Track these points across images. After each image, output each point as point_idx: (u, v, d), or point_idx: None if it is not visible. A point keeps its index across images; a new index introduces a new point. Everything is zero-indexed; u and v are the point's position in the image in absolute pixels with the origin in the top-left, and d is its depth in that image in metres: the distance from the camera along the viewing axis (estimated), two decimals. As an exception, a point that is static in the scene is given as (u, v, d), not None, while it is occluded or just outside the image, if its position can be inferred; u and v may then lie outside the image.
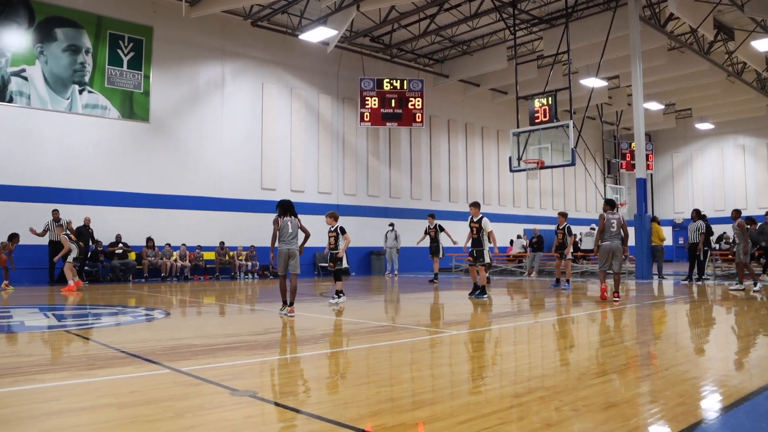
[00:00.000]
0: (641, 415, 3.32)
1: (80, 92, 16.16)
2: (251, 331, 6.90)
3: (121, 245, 16.41)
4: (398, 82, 21.83)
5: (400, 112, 21.72)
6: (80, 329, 7.04)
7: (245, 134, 19.53)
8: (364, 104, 21.50)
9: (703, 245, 15.02)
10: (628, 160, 32.15)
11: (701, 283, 14.89)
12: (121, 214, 16.71)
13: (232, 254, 18.54)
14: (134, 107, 17.13)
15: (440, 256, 16.57)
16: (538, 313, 9.09)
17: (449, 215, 23.72)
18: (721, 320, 8.18)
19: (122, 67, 16.90)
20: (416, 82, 21.96)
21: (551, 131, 17.60)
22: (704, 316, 8.78)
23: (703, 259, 15.22)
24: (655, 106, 27.88)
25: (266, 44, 20.18)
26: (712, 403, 3.64)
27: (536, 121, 18.06)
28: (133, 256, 16.73)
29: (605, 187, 30.18)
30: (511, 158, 18.75)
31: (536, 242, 18.55)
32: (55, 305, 10.14)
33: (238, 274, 18.48)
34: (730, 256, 17.97)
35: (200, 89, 18.61)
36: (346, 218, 21.53)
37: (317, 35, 18.59)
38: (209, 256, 18.28)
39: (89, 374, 4.31)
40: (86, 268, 15.65)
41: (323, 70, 21.72)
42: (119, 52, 16.86)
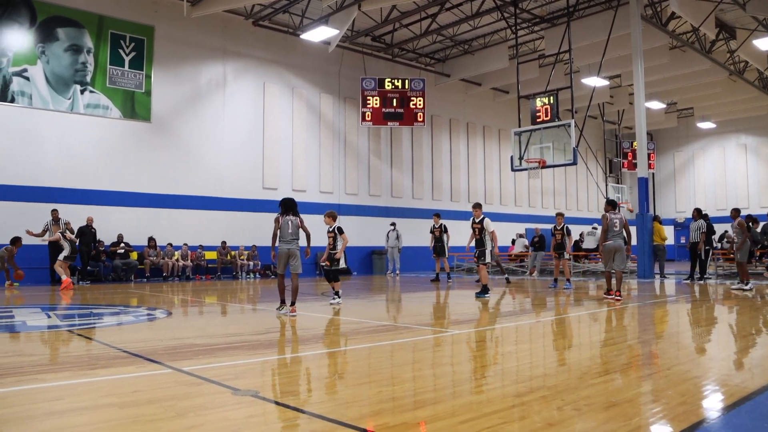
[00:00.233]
0: (643, 414, 3.31)
1: (82, 92, 16.18)
2: (253, 330, 6.90)
3: (122, 245, 16.43)
4: (400, 81, 21.82)
5: (401, 111, 21.72)
6: (82, 329, 7.04)
7: (247, 134, 19.54)
8: (365, 104, 21.50)
9: (704, 244, 15.00)
10: (629, 159, 32.14)
11: (703, 282, 14.87)
12: (122, 213, 16.73)
13: (233, 254, 18.56)
14: (136, 107, 17.15)
15: (445, 256, 16.48)
16: (539, 312, 9.08)
17: (451, 215, 23.69)
18: (722, 319, 8.17)
19: (124, 66, 16.92)
20: (418, 81, 21.95)
21: (553, 130, 17.58)
22: (706, 315, 8.77)
23: (704, 258, 15.19)
24: (656, 105, 27.83)
25: (268, 44, 20.18)
26: (713, 402, 3.63)
27: (538, 120, 18.04)
28: (134, 255, 16.75)
29: (607, 186, 30.16)
30: (512, 157, 18.74)
31: (538, 242, 18.52)
32: (56, 305, 10.16)
33: (239, 273, 18.49)
34: (731, 255, 17.94)
35: (202, 89, 18.62)
36: (347, 218, 21.59)
37: (318, 35, 18.59)
38: (211, 255, 18.30)
39: (91, 374, 4.32)
40: (88, 267, 15.67)
41: (325, 69, 21.72)
42: (121, 51, 16.88)
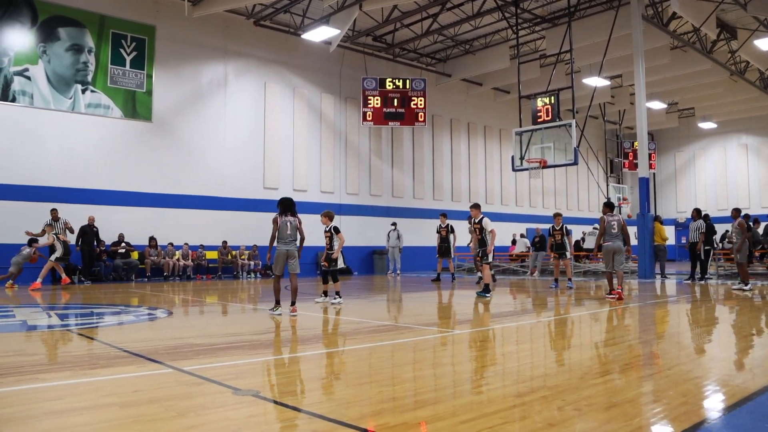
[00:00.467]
0: (644, 414, 3.31)
1: (83, 92, 16.19)
2: (253, 330, 6.90)
3: (123, 245, 16.43)
4: (401, 81, 21.82)
5: (402, 111, 21.72)
6: (83, 328, 7.05)
7: (248, 133, 19.55)
8: (366, 103, 21.50)
9: (703, 244, 14.98)
10: (630, 159, 32.12)
11: (704, 282, 14.85)
12: (123, 213, 16.74)
13: (234, 253, 18.57)
14: (137, 107, 17.16)
15: (450, 256, 16.42)
16: (540, 312, 9.08)
17: (452, 215, 23.56)
18: (723, 320, 8.16)
19: (125, 66, 16.93)
20: (419, 81, 21.95)
21: (554, 130, 17.57)
22: (706, 315, 8.76)
23: (704, 258, 15.17)
24: (657, 105, 27.81)
25: (269, 43, 20.19)
26: (714, 402, 3.63)
27: (539, 120, 18.02)
28: (135, 255, 16.76)
29: (608, 186, 30.14)
30: (513, 157, 18.72)
31: (538, 242, 18.51)
32: (57, 304, 10.16)
33: (240, 273, 18.49)
34: (732, 255, 17.94)
35: (203, 88, 18.63)
36: (348, 217, 21.60)
37: (320, 34, 18.59)
38: (212, 255, 18.31)
39: (92, 373, 4.32)
40: (81, 267, 15.62)
41: (326, 69, 21.72)
42: (122, 51, 16.89)
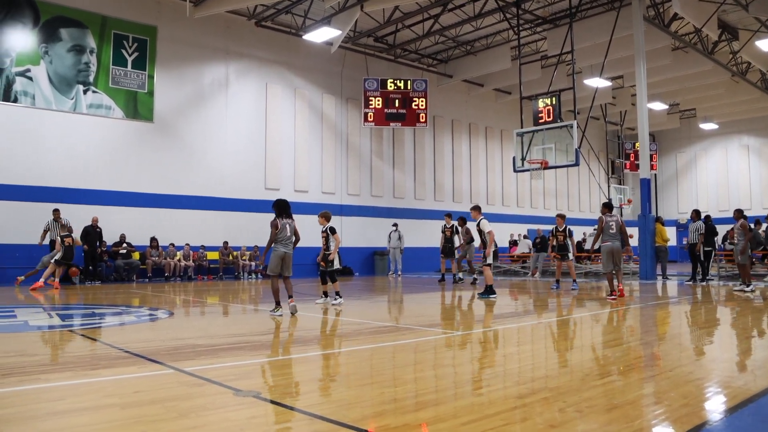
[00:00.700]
0: (645, 416, 3.31)
1: (84, 92, 16.21)
2: (255, 331, 6.90)
3: (125, 245, 16.45)
4: (402, 82, 21.83)
5: (403, 112, 21.72)
6: (84, 329, 7.05)
7: (249, 134, 19.56)
8: (367, 104, 21.50)
9: (703, 245, 14.96)
10: (632, 160, 32.09)
11: (705, 283, 14.84)
12: (124, 214, 16.75)
13: (235, 254, 18.57)
14: (138, 107, 17.18)
15: (454, 257, 16.41)
16: (541, 313, 9.08)
17: (453, 216, 23.66)
18: (724, 321, 8.15)
19: (126, 67, 16.94)
20: (420, 82, 21.95)
21: (555, 131, 17.56)
22: (708, 317, 8.75)
23: (703, 259, 15.15)
24: (659, 106, 27.79)
25: (270, 44, 20.20)
26: (716, 404, 3.62)
27: (540, 121, 18.02)
28: (136, 256, 16.77)
29: (609, 187, 30.11)
30: (514, 158, 18.72)
31: (539, 243, 18.52)
32: (58, 305, 10.17)
33: (241, 274, 18.50)
34: (733, 256, 17.92)
35: (204, 89, 18.64)
36: (349, 218, 21.61)
37: (321, 35, 18.60)
38: (213, 256, 18.31)
39: (93, 374, 4.32)
40: (90, 267, 15.67)
41: (327, 70, 21.73)
42: (123, 52, 16.91)
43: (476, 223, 11.05)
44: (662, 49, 20.84)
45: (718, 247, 17.35)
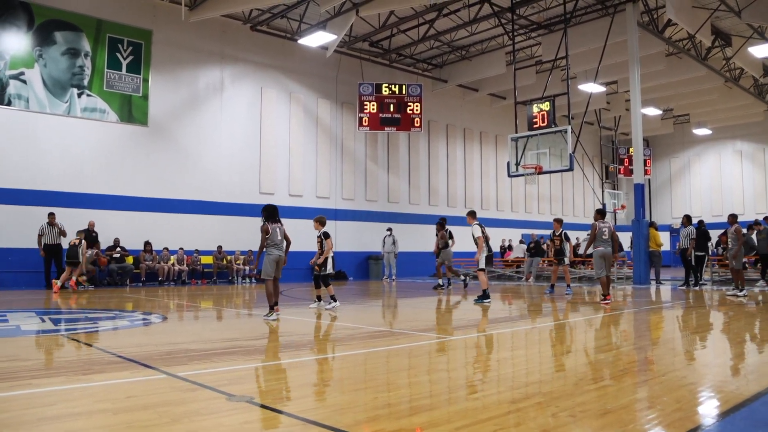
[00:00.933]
0: (638, 421, 3.31)
1: (79, 95, 16.16)
2: (248, 336, 6.88)
3: (118, 249, 16.39)
4: (397, 86, 21.86)
5: (398, 116, 21.75)
6: (77, 333, 7.02)
7: (244, 138, 19.54)
8: (362, 109, 21.52)
9: (695, 251, 15.05)
10: (626, 165, 32.24)
11: (698, 288, 14.90)
12: (119, 217, 16.68)
13: (229, 258, 18.52)
14: (133, 111, 17.14)
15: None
16: (535, 318, 9.09)
17: (448, 220, 23.70)
18: (717, 326, 8.19)
19: (121, 70, 16.91)
20: (415, 86, 22.00)
21: (549, 136, 17.62)
22: (701, 321, 8.78)
23: (695, 264, 15.23)
24: (653, 111, 27.95)
25: (265, 48, 20.21)
26: (709, 408, 3.64)
27: (534, 126, 18.08)
28: (130, 260, 16.70)
29: (603, 192, 30.22)
30: (509, 163, 18.76)
31: (534, 248, 18.54)
32: (51, 309, 10.11)
33: (235, 278, 18.45)
34: (725, 261, 18.00)
35: (199, 93, 18.62)
36: (344, 223, 21.60)
37: (316, 40, 18.62)
38: (207, 260, 18.26)
39: (85, 379, 4.30)
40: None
41: (322, 74, 21.75)
42: (118, 55, 16.88)
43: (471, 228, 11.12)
44: (656, 54, 20.98)
45: (711, 252, 17.42)
